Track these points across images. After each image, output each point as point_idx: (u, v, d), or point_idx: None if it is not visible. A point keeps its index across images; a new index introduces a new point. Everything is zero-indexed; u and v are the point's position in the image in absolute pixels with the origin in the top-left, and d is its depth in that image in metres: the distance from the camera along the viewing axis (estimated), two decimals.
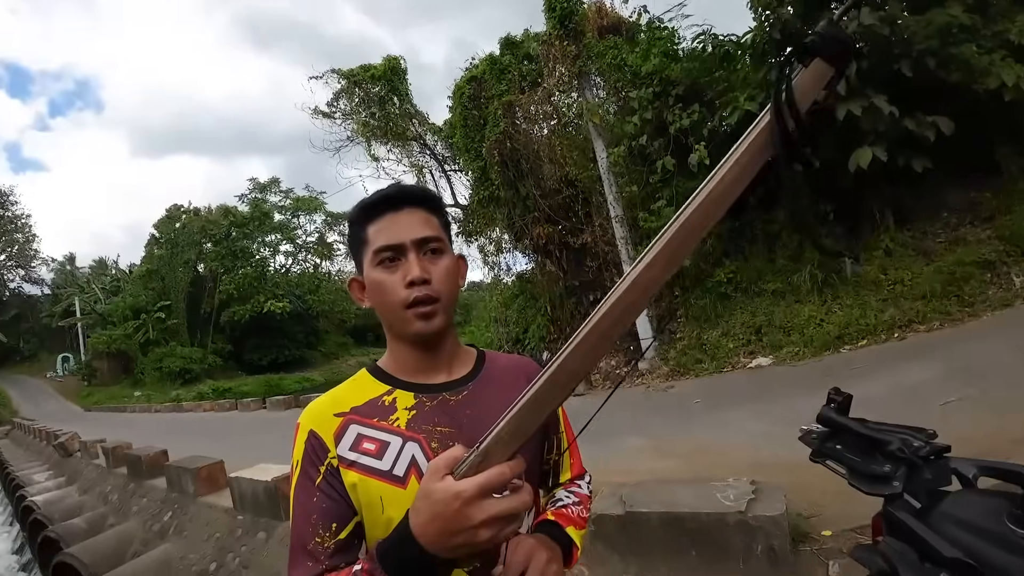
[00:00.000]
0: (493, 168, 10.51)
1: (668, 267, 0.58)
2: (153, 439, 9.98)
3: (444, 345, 0.90)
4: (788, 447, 4.02)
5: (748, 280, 8.17)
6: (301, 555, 0.78)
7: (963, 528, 0.92)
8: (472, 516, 0.59)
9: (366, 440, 0.82)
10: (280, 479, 4.76)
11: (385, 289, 0.84)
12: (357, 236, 0.90)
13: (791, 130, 0.52)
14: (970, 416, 3.51)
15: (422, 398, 0.86)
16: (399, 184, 0.92)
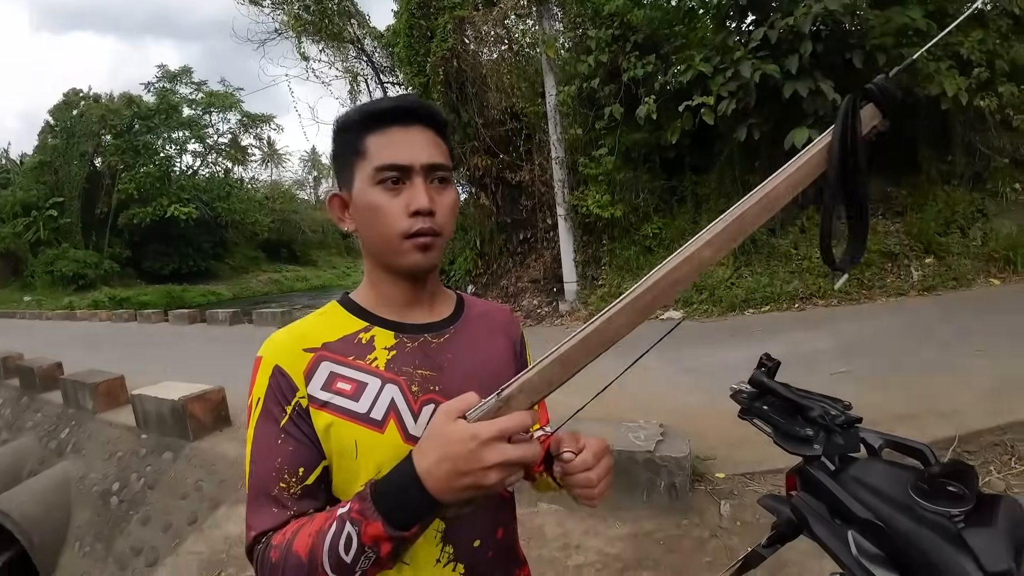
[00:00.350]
0: (436, 87, 9.97)
1: (718, 251, 0.62)
2: (46, 349, 9.28)
3: (429, 283, 0.85)
4: (692, 395, 4.35)
5: (672, 237, 8.49)
6: (264, 501, 0.72)
7: (871, 493, 1.03)
8: (486, 458, 0.57)
9: (340, 379, 0.75)
10: (188, 398, 4.59)
11: (383, 214, 0.75)
12: (351, 145, 0.78)
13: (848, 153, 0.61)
14: (857, 388, 3.91)
15: (403, 338, 0.80)
16: (411, 96, 0.80)
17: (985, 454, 2.96)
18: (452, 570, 0.78)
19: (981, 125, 7.21)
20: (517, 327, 0.97)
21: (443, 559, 0.78)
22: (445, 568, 0.78)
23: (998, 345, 4.27)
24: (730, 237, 0.62)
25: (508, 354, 0.91)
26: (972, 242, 6.94)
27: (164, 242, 32.36)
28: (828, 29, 6.27)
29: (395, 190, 0.75)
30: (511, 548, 0.90)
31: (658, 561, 2.58)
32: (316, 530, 0.64)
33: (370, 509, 0.61)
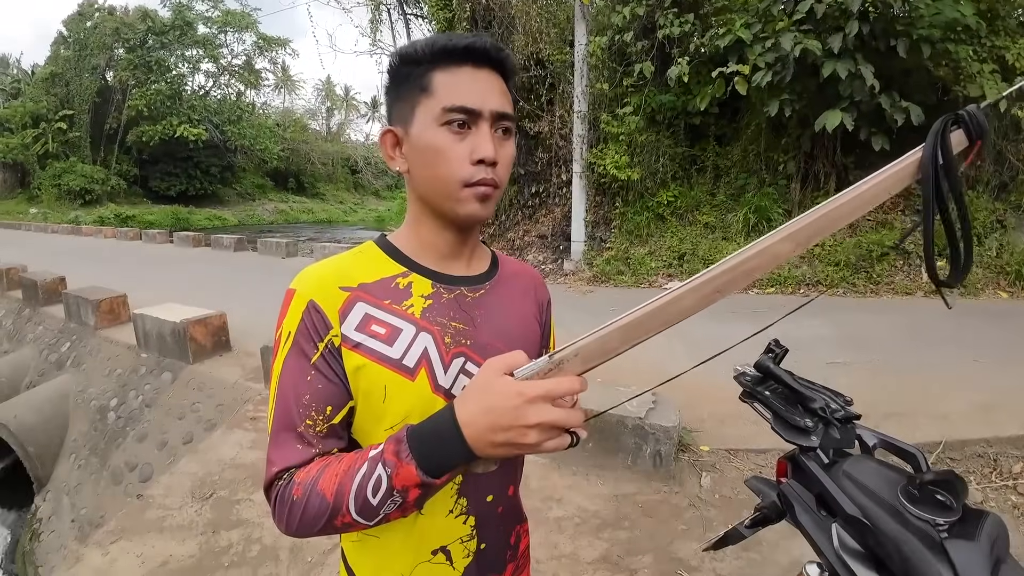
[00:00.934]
0: (461, 23, 9.60)
1: (797, 247, 0.62)
2: (50, 263, 9.35)
3: (473, 236, 0.83)
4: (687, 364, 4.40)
5: (686, 207, 8.38)
6: (289, 437, 0.71)
7: (860, 490, 1.04)
8: (528, 416, 0.57)
9: (375, 322, 0.73)
10: (190, 321, 4.64)
11: (446, 158, 0.71)
12: (415, 79, 0.73)
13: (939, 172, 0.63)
14: (852, 380, 3.91)
15: (440, 288, 0.78)
16: (485, 37, 0.75)
17: (968, 463, 3.00)
18: (463, 523, 0.80)
19: (1015, 135, 6.99)
20: (545, 291, 0.97)
21: (456, 511, 0.79)
22: (457, 519, 0.79)
23: (997, 358, 4.26)
24: (811, 234, 0.62)
25: (535, 316, 0.90)
26: (987, 252, 6.83)
27: (172, 162, 32.17)
28: (877, 12, 5.96)
29: (460, 134, 0.72)
30: (518, 505, 0.92)
31: (635, 523, 2.65)
32: (344, 470, 0.64)
33: (405, 451, 0.61)
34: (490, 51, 0.73)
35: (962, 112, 0.64)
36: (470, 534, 0.81)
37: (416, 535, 0.78)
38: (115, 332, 5.60)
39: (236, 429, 3.71)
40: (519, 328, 0.85)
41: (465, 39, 0.72)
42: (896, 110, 6.26)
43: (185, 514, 2.97)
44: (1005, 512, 2.65)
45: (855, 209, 0.64)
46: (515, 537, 0.91)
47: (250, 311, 6.01)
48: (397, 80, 0.76)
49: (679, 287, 0.61)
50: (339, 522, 0.64)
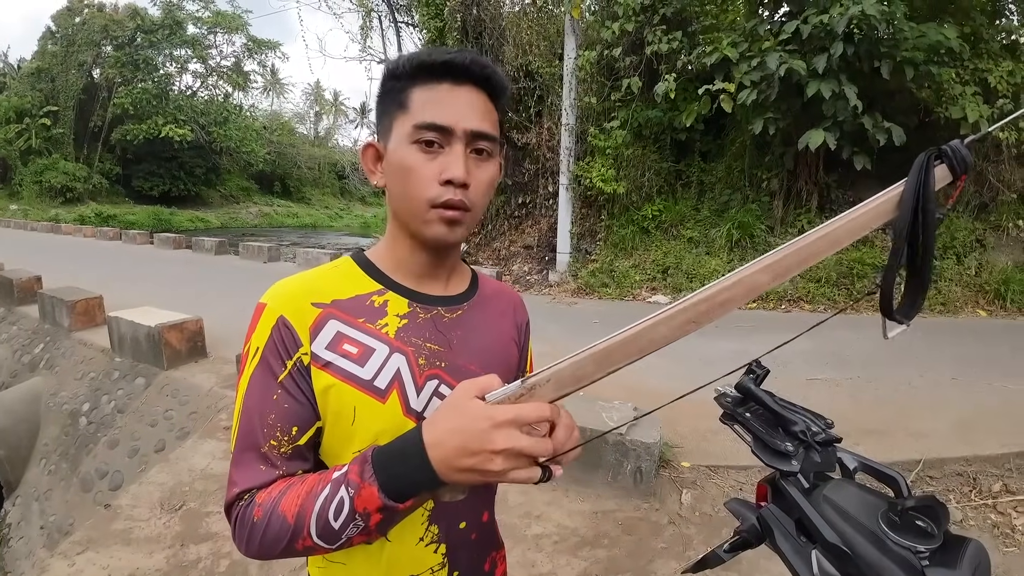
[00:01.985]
0: (451, 33, 9.64)
1: (775, 279, 0.62)
2: (27, 261, 9.13)
3: (450, 257, 0.80)
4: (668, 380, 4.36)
5: (671, 222, 8.44)
6: (252, 457, 0.68)
7: (840, 516, 1.02)
8: (496, 441, 0.54)
9: (347, 341, 0.71)
10: (165, 326, 4.54)
11: (414, 176, 0.69)
12: (395, 95, 0.72)
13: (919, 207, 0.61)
14: (831, 397, 3.95)
15: (416, 308, 0.76)
16: (470, 52, 0.73)
17: (947, 482, 3.02)
18: (434, 551, 0.77)
19: (996, 156, 7.15)
20: (524, 312, 0.95)
21: (427, 538, 0.76)
22: (427, 548, 0.76)
23: (975, 376, 4.31)
24: (789, 266, 0.62)
25: (513, 338, 0.88)
26: (966, 271, 6.96)
27: (156, 162, 31.79)
28: (861, 33, 6.09)
29: (431, 153, 0.69)
30: (492, 531, 0.89)
31: (614, 541, 2.62)
32: (307, 492, 0.62)
33: (368, 472, 0.58)
34: (471, 67, 0.70)
35: (946, 147, 0.63)
36: (441, 563, 0.78)
37: (384, 563, 0.75)
38: (90, 334, 5.50)
39: (209, 438, 3.62)
40: (496, 350, 0.83)
41: (445, 54, 0.70)
42: (878, 130, 6.38)
43: (153, 526, 2.88)
44: (984, 531, 2.67)
45: (834, 243, 0.63)
46: (490, 564, 0.88)
47: (228, 317, 5.91)
48: (382, 96, 0.75)
49: (653, 316, 0.60)
50: (300, 545, 0.62)
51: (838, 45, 6.06)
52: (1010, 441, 3.22)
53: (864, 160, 6.70)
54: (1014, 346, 5.16)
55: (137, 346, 4.69)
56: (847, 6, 5.94)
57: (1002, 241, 7.20)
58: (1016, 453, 3.11)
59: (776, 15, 7.50)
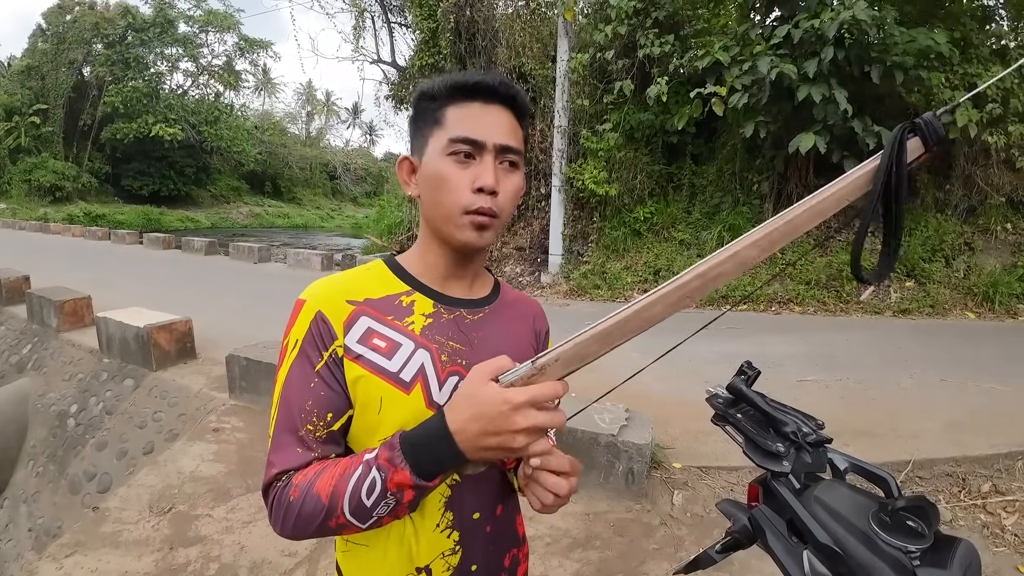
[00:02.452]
0: (444, 34, 9.63)
1: (762, 252, 0.66)
2: (15, 260, 9.02)
3: (475, 262, 0.86)
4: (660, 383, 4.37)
5: (662, 224, 8.47)
6: (290, 440, 0.74)
7: (832, 516, 1.03)
8: (517, 422, 0.61)
9: (377, 336, 0.77)
10: (154, 327, 4.50)
11: (449, 186, 0.76)
12: (430, 113, 0.79)
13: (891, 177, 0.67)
14: (821, 398, 3.98)
15: (440, 308, 0.82)
16: (498, 74, 0.81)
17: (937, 482, 3.04)
18: (447, 536, 0.82)
19: (984, 160, 7.23)
20: (545, 321, 1.01)
21: (442, 524, 0.81)
22: (442, 533, 0.81)
23: (964, 378, 4.35)
24: (775, 240, 0.66)
25: (531, 344, 0.94)
26: (955, 273, 7.03)
27: (146, 162, 31.53)
28: (852, 38, 6.14)
29: (465, 164, 0.76)
30: (509, 526, 0.93)
31: (606, 542, 2.62)
32: (340, 473, 0.68)
33: (399, 458, 0.64)
34: (499, 88, 0.78)
35: (919, 120, 0.67)
36: (453, 548, 0.83)
37: (405, 546, 0.80)
38: (78, 335, 5.44)
39: (198, 441, 3.59)
40: (514, 353, 0.84)
41: (476, 76, 0.78)
42: (868, 134, 6.44)
43: (142, 529, 2.85)
44: (974, 531, 2.69)
45: (816, 215, 0.67)
46: (510, 560, 0.92)
47: (218, 317, 5.88)
48: (416, 114, 0.82)
49: (649, 295, 0.65)
50: (333, 523, 0.67)
51: (829, 49, 6.11)
52: (999, 442, 3.25)
53: (853, 163, 6.70)
54: (1002, 348, 5.22)
55: (125, 347, 4.64)
56: (838, 11, 5.99)
57: (990, 244, 7.28)
58: (1005, 454, 3.14)
59: (767, 19, 7.56)
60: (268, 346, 4.08)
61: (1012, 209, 7.41)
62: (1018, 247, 7.19)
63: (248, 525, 2.80)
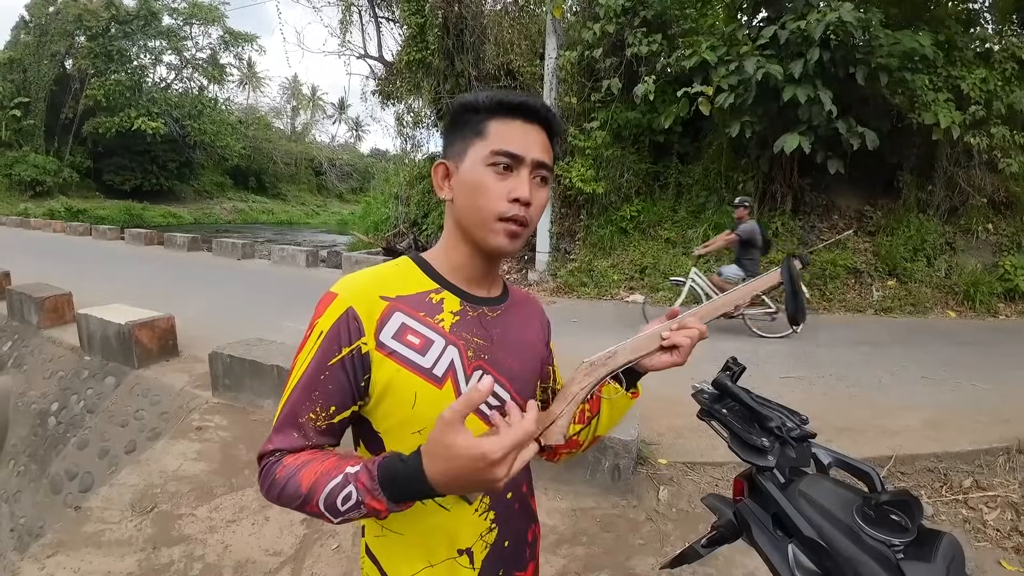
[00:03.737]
0: (432, 30, 9.59)
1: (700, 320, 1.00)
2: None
3: (497, 265, 0.93)
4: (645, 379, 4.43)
5: (649, 222, 8.52)
6: (291, 425, 0.79)
7: (817, 510, 1.04)
8: (496, 474, 0.62)
9: (411, 332, 0.81)
10: (136, 324, 4.43)
11: (487, 193, 0.81)
12: (473, 124, 0.84)
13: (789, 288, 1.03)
14: (804, 395, 4.02)
15: (466, 306, 0.87)
16: (539, 98, 0.89)
17: (919, 478, 3.09)
18: (484, 518, 0.88)
19: (967, 161, 7.35)
20: (546, 318, 1.08)
21: (480, 508, 0.87)
22: (480, 516, 0.88)
23: (945, 375, 4.43)
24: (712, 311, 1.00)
25: (541, 338, 1.01)
26: (936, 272, 7.15)
27: (128, 156, 30.99)
28: (838, 40, 6.20)
29: (503, 175, 0.81)
30: (530, 503, 1.00)
31: (592, 538, 2.63)
32: (324, 471, 0.72)
33: (377, 491, 0.67)
34: (540, 110, 0.84)
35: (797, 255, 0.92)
36: (490, 527, 0.89)
37: (442, 533, 0.85)
38: (59, 332, 5.36)
39: (181, 439, 3.54)
40: (528, 345, 0.96)
41: (520, 97, 0.84)
42: (852, 135, 6.51)
43: (124, 529, 2.81)
44: (956, 526, 2.74)
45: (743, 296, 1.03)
46: (532, 535, 1.00)
47: (201, 314, 5.81)
48: (456, 122, 0.87)
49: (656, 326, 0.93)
50: (309, 510, 0.73)
51: (815, 51, 6.17)
52: (979, 438, 3.32)
53: (838, 164, 6.84)
54: (982, 346, 5.32)
55: (107, 344, 4.57)
56: (824, 13, 6.05)
57: (972, 244, 7.41)
58: (986, 450, 3.20)
59: (754, 20, 7.61)
60: (251, 343, 4.04)
61: (993, 210, 7.55)
62: (999, 247, 7.33)
63: (232, 524, 2.77)
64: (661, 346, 0.94)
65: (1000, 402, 3.85)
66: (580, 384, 0.90)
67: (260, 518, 2.81)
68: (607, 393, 0.98)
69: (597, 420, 1.02)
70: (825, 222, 8.02)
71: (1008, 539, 2.64)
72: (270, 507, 2.89)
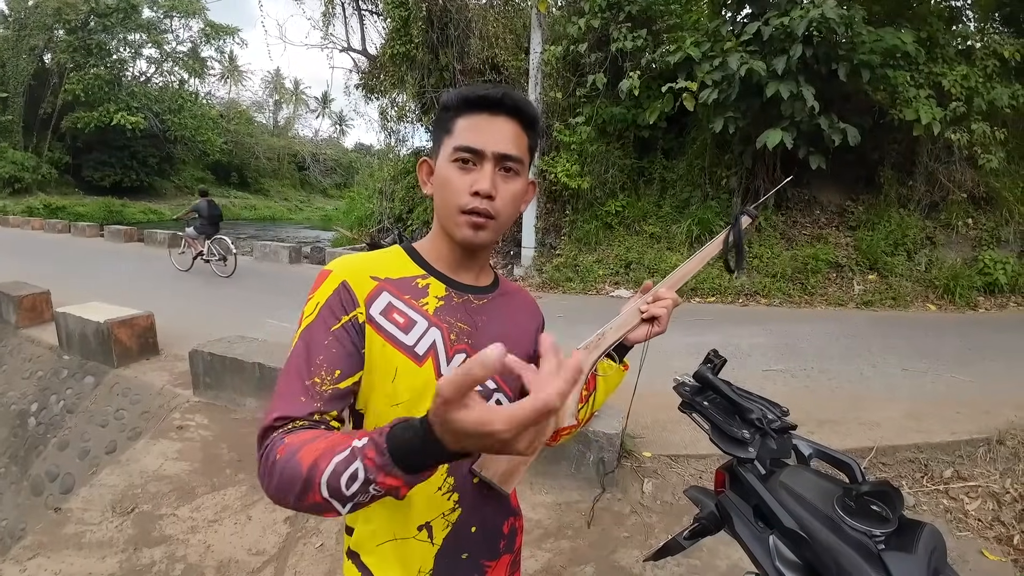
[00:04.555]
0: (416, 23, 9.51)
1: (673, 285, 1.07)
2: None
3: (480, 256, 0.95)
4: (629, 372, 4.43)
5: (634, 217, 8.55)
6: (295, 388, 0.77)
7: (797, 501, 1.04)
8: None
9: (396, 311, 0.85)
10: (114, 322, 4.36)
11: (450, 187, 0.85)
12: (444, 123, 0.88)
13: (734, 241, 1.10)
14: (787, 388, 4.05)
15: (451, 292, 0.91)
16: (505, 89, 0.88)
17: (899, 468, 3.13)
18: (448, 499, 0.88)
19: (947, 157, 7.44)
20: (540, 314, 1.09)
21: (444, 488, 0.88)
22: (443, 496, 0.88)
23: (925, 367, 4.49)
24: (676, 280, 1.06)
25: (530, 332, 1.02)
26: (916, 266, 7.25)
27: (107, 151, 30.42)
28: (820, 36, 6.25)
29: (466, 169, 0.85)
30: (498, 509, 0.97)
31: (577, 532, 2.64)
32: (328, 447, 0.64)
33: (389, 464, 0.59)
34: (503, 100, 0.85)
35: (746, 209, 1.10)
36: (453, 507, 0.89)
37: (404, 507, 0.86)
38: (37, 331, 5.29)
39: (161, 439, 3.49)
40: (515, 337, 0.96)
41: (481, 90, 0.85)
42: (834, 131, 6.57)
43: (105, 530, 2.77)
44: (938, 516, 2.78)
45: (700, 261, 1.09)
46: (509, 527, 0.99)
47: (181, 312, 5.74)
48: (436, 122, 0.92)
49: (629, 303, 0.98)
50: (310, 498, 0.64)
51: (797, 47, 6.21)
52: (959, 429, 3.37)
53: (819, 160, 6.90)
54: (962, 339, 5.40)
55: (86, 343, 4.49)
56: (807, 9, 6.09)
57: (952, 239, 7.52)
58: (966, 441, 3.24)
59: (738, 16, 7.65)
60: (232, 341, 3.99)
61: (973, 205, 7.66)
62: (978, 242, 7.45)
63: (214, 524, 2.74)
64: (642, 319, 1.01)
65: (980, 394, 3.91)
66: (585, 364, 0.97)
67: (242, 517, 2.78)
68: (602, 370, 1.04)
69: (593, 397, 1.06)
70: (807, 217, 8.10)
71: (990, 529, 2.68)
72: (253, 506, 2.86)
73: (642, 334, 1.02)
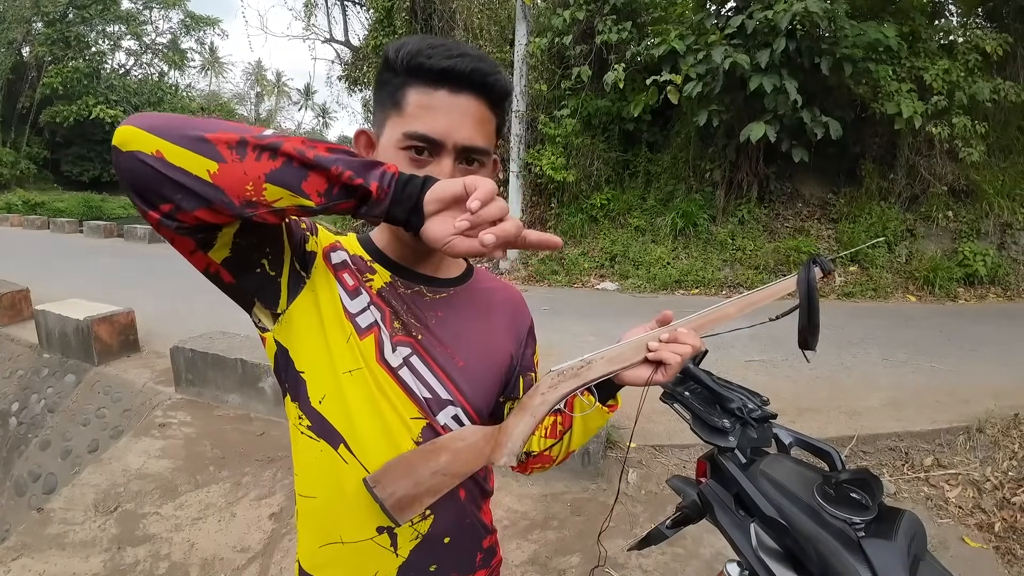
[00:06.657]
0: (400, 14, 9.42)
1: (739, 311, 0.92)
2: None
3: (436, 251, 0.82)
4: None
5: (619, 210, 8.57)
6: None
7: (778, 490, 1.05)
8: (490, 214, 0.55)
9: (348, 272, 0.76)
10: (95, 319, 4.29)
11: None
12: (391, 91, 0.70)
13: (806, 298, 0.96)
14: (768, 378, 4.09)
15: (397, 281, 0.79)
16: (472, 56, 0.68)
17: (880, 456, 3.18)
18: None
19: (928, 151, 7.51)
20: (527, 316, 0.95)
21: None
22: None
23: (905, 357, 4.56)
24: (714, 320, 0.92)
25: (507, 335, 0.88)
26: (897, 258, 7.34)
27: (86, 146, 29.86)
28: (804, 30, 6.28)
29: (419, 161, 0.69)
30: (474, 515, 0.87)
31: (563, 522, 2.66)
32: None
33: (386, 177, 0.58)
34: (472, 75, 0.67)
35: (820, 259, 0.94)
36: (422, 515, 0.77)
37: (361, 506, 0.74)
38: (17, 329, 5.20)
39: (144, 437, 3.45)
40: (478, 340, 0.83)
41: (445, 59, 0.66)
42: (816, 124, 6.63)
43: (88, 529, 2.74)
44: (918, 504, 2.83)
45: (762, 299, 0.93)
46: (488, 542, 0.89)
47: (162, 308, 5.66)
48: (378, 83, 0.73)
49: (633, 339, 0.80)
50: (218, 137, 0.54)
51: (781, 41, 6.24)
52: (939, 418, 3.42)
53: (802, 153, 6.96)
54: (941, 329, 5.48)
55: (66, 341, 4.42)
56: (791, 3, 6.11)
57: (932, 231, 7.62)
58: (946, 429, 3.30)
59: (723, 10, 7.67)
60: (214, 337, 3.94)
61: (953, 198, 7.76)
62: (958, 234, 7.55)
63: (198, 522, 2.72)
64: (646, 358, 0.77)
65: (959, 383, 3.97)
66: (543, 397, 0.75)
67: (227, 515, 2.76)
68: (579, 408, 0.82)
69: (570, 435, 0.89)
70: (790, 210, 8.17)
71: (971, 516, 2.73)
72: (237, 503, 2.84)
73: (641, 377, 0.77)
